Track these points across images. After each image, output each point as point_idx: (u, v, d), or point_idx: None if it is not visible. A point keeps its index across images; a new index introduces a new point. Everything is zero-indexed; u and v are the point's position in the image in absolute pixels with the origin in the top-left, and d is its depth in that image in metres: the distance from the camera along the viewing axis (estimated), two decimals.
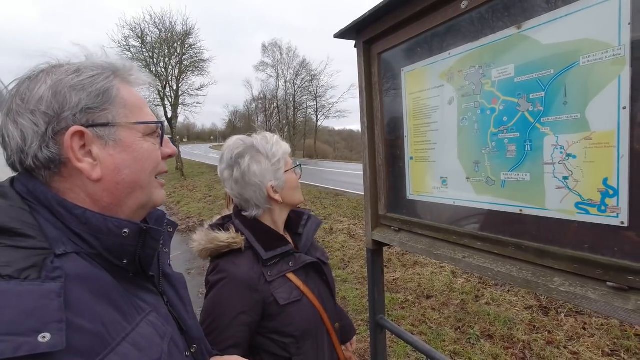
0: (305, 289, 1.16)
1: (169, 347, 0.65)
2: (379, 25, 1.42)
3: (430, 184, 1.38)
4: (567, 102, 0.92)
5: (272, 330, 1.11)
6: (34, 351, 0.43)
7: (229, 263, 1.11)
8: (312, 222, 1.34)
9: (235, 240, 1.11)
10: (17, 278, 0.46)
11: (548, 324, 3.11)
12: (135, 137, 0.68)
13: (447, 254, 1.25)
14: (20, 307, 0.45)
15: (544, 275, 0.96)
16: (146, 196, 0.70)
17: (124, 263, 0.65)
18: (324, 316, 1.20)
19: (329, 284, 1.26)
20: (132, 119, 0.68)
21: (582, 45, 0.88)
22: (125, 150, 0.66)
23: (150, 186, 0.71)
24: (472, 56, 1.15)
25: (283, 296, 1.10)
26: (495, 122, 1.10)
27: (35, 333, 0.44)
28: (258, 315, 1.09)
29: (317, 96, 41.87)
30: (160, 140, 0.74)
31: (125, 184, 0.66)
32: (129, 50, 19.60)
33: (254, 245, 1.12)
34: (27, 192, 0.60)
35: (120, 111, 0.66)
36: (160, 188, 0.75)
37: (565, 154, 0.94)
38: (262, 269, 1.11)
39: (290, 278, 1.14)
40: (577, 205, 0.92)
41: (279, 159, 1.19)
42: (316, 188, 11.24)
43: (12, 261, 0.48)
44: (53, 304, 0.47)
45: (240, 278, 1.08)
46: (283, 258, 1.15)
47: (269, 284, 1.10)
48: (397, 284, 4.30)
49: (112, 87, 0.66)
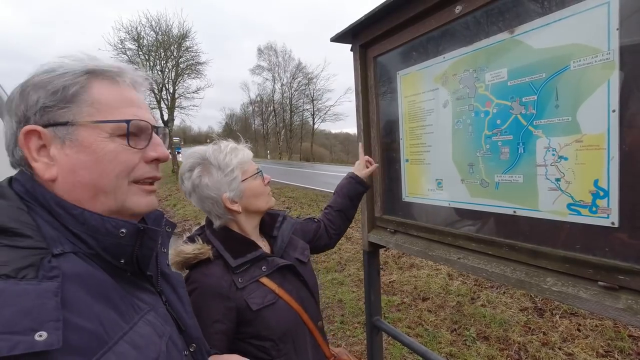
0: (280, 292, 1.16)
1: (168, 346, 0.65)
2: (375, 30, 1.44)
3: (426, 186, 1.39)
4: (559, 105, 0.94)
5: (250, 335, 1.12)
6: (30, 349, 0.43)
7: (199, 273, 1.12)
8: (286, 223, 1.34)
9: (202, 250, 1.12)
10: (14, 277, 0.47)
11: (543, 326, 3.12)
12: (98, 137, 0.62)
13: (442, 255, 1.26)
14: (17, 306, 0.45)
15: (537, 276, 0.97)
16: (115, 202, 0.65)
17: (122, 263, 0.65)
18: (303, 316, 1.20)
19: (307, 283, 1.26)
20: (98, 118, 0.63)
21: (572, 50, 0.90)
22: (84, 151, 0.62)
23: (120, 191, 0.65)
24: (466, 60, 1.17)
25: (256, 301, 1.10)
26: (489, 124, 1.12)
27: (32, 332, 0.44)
28: (232, 322, 1.09)
29: (313, 99, 41.94)
30: (147, 143, 0.68)
31: (83, 186, 0.62)
32: (124, 53, 19.57)
33: (223, 254, 1.13)
34: (26, 192, 0.60)
35: (85, 109, 0.62)
36: (143, 194, 0.68)
37: (557, 156, 0.95)
38: (232, 276, 1.11)
39: (264, 282, 1.14)
40: (569, 206, 0.94)
41: (232, 168, 1.16)
42: (312, 191, 11.24)
43: (9, 260, 0.48)
44: (50, 303, 0.47)
45: (210, 287, 1.09)
46: (254, 263, 1.15)
47: (241, 291, 1.10)
48: (394, 287, 4.30)
49: (74, 85, 0.62)
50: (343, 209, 1.53)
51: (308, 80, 41.53)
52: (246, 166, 1.20)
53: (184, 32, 20.93)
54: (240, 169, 1.18)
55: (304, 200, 9.84)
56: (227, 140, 1.25)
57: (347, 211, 1.53)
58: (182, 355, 0.71)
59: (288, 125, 43.46)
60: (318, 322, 1.27)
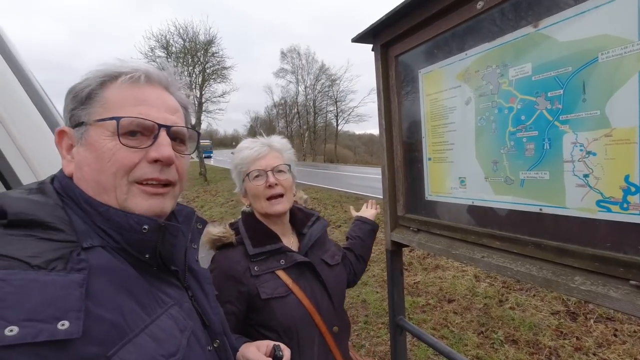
0: (294, 287, 1.18)
1: (189, 340, 0.66)
2: (396, 29, 1.44)
3: (449, 184, 1.38)
4: (586, 99, 0.91)
5: (258, 322, 1.17)
6: (52, 337, 0.45)
7: (221, 255, 1.20)
8: (318, 224, 1.36)
9: (225, 234, 1.20)
10: (44, 268, 0.50)
11: (576, 330, 3.00)
12: (102, 135, 0.64)
13: (465, 253, 1.25)
14: (44, 295, 0.47)
15: (565, 274, 0.95)
16: (117, 201, 0.64)
17: (147, 257, 0.67)
18: (315, 317, 1.20)
19: (325, 285, 1.26)
20: (103, 117, 0.64)
21: (600, 42, 0.87)
22: (89, 149, 0.64)
23: (120, 191, 0.64)
24: (489, 56, 1.15)
25: (266, 291, 1.14)
26: (513, 121, 1.10)
27: (56, 320, 0.46)
28: (243, 305, 1.15)
29: (337, 101, 41.94)
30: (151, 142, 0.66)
31: (87, 181, 0.65)
32: (154, 60, 20.19)
33: (245, 241, 1.20)
34: (62, 188, 0.65)
35: (97, 110, 0.65)
36: (144, 196, 0.66)
37: (585, 152, 0.93)
38: (249, 263, 1.17)
39: (279, 275, 1.18)
40: (598, 203, 0.91)
41: (236, 165, 1.27)
42: (337, 192, 11.25)
43: (42, 252, 0.51)
44: (74, 294, 0.50)
45: (226, 270, 1.16)
46: (273, 255, 1.19)
47: (254, 278, 1.15)
48: (418, 288, 4.25)
49: (87, 87, 0.65)
50: (353, 247, 1.58)
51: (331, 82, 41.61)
52: (245, 167, 1.23)
53: (210, 38, 21.48)
54: (239, 169, 1.25)
55: (328, 201, 9.87)
56: (258, 137, 1.30)
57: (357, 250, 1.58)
58: (206, 350, 0.72)
59: (312, 127, 43.65)
60: (333, 327, 1.25)
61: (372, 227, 1.60)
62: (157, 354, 0.58)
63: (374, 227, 1.61)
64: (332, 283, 1.29)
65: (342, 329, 1.29)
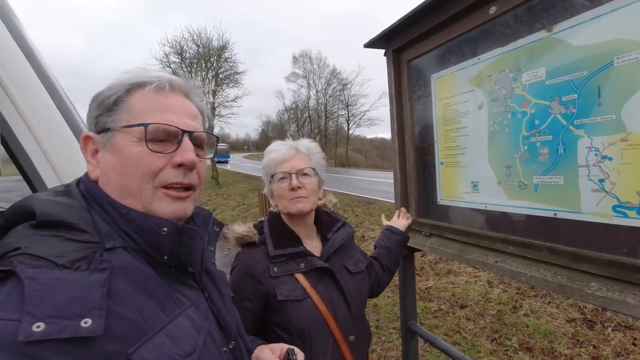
0: (312, 292, 1.18)
1: (205, 340, 0.67)
2: (408, 34, 1.45)
3: (461, 188, 1.38)
4: (602, 103, 0.91)
5: (273, 322, 1.19)
6: (75, 334, 0.47)
7: (244, 253, 1.24)
8: (343, 230, 1.35)
9: (248, 233, 1.24)
10: (69, 268, 0.52)
11: (593, 338, 2.93)
12: (128, 141, 0.65)
13: (478, 258, 1.24)
14: (69, 293, 0.49)
15: (580, 280, 0.94)
16: (142, 204, 0.66)
17: (165, 259, 0.68)
18: (330, 323, 1.19)
19: (344, 292, 1.25)
20: (129, 123, 0.66)
21: (616, 46, 0.87)
22: (115, 154, 0.66)
23: (145, 195, 0.66)
24: (502, 60, 1.15)
25: (283, 293, 1.16)
26: (526, 125, 1.09)
27: (79, 318, 0.48)
28: (260, 304, 1.18)
29: (348, 105, 41.92)
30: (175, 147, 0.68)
31: (113, 186, 0.66)
32: (169, 66, 20.64)
33: (267, 241, 1.23)
34: (87, 191, 0.67)
35: (123, 117, 0.67)
36: (168, 200, 0.68)
37: (600, 156, 0.92)
38: (269, 264, 1.19)
39: (297, 278, 1.19)
40: (615, 208, 0.90)
41: (264, 166, 1.31)
42: (348, 196, 11.23)
43: (67, 252, 0.54)
44: (96, 293, 0.51)
45: (247, 267, 1.19)
46: (293, 258, 1.21)
47: (273, 279, 1.17)
48: (430, 293, 4.21)
49: (114, 94, 0.67)
50: (380, 257, 1.54)
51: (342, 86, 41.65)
52: (272, 169, 1.26)
53: (223, 44, 21.76)
54: (266, 170, 1.29)
55: (339, 205, 9.84)
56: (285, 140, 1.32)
57: (384, 260, 1.54)
58: (221, 351, 0.73)
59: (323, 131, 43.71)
60: (349, 335, 1.23)
61: (401, 238, 1.55)
62: (175, 353, 0.59)
63: (403, 238, 1.56)
64: (352, 291, 1.27)
65: (359, 338, 1.27)
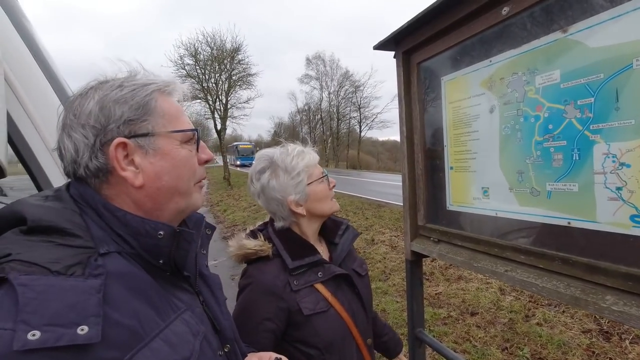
0: (333, 301, 1.13)
1: (202, 345, 0.67)
2: (418, 36, 1.42)
3: (471, 194, 1.34)
4: (620, 107, 0.86)
5: (297, 339, 1.11)
6: (72, 342, 0.46)
7: (256, 269, 1.14)
8: (349, 233, 1.32)
9: (262, 247, 1.14)
10: (63, 274, 0.51)
11: (609, 351, 2.83)
12: (173, 145, 0.70)
13: (488, 266, 1.20)
14: (65, 300, 0.48)
15: (595, 293, 0.89)
16: (185, 201, 0.72)
17: (161, 263, 0.68)
18: (353, 330, 1.16)
19: (361, 297, 1.22)
20: (170, 128, 0.70)
21: (635, 47, 0.83)
22: (164, 158, 0.68)
23: (189, 192, 0.73)
24: (515, 63, 1.11)
25: (308, 306, 1.10)
26: (540, 130, 1.05)
27: (75, 325, 0.47)
28: (283, 322, 1.10)
29: (360, 107, 41.90)
30: (196, 147, 0.75)
31: (165, 189, 0.69)
32: (183, 68, 20.93)
33: (282, 254, 1.14)
34: (79, 195, 0.66)
35: (159, 121, 0.69)
36: (199, 192, 0.76)
37: (618, 163, 0.88)
38: (288, 277, 1.11)
39: (318, 289, 1.13)
40: (633, 217, 0.86)
41: (298, 172, 1.17)
42: (358, 199, 11.18)
43: (61, 258, 0.52)
44: (93, 299, 0.50)
45: (265, 285, 1.10)
46: (311, 268, 1.15)
47: (294, 293, 1.10)
48: (440, 299, 4.14)
49: (151, 99, 0.69)
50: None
51: (355, 88, 41.66)
52: (312, 170, 1.21)
53: (236, 46, 21.95)
54: (306, 173, 1.19)
55: (350, 207, 9.82)
56: (294, 143, 1.28)
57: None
58: (217, 355, 0.73)
59: (335, 133, 43.76)
60: (367, 339, 1.21)
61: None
62: (172, 358, 0.58)
63: None
64: (365, 294, 1.26)
65: (373, 340, 1.27)
